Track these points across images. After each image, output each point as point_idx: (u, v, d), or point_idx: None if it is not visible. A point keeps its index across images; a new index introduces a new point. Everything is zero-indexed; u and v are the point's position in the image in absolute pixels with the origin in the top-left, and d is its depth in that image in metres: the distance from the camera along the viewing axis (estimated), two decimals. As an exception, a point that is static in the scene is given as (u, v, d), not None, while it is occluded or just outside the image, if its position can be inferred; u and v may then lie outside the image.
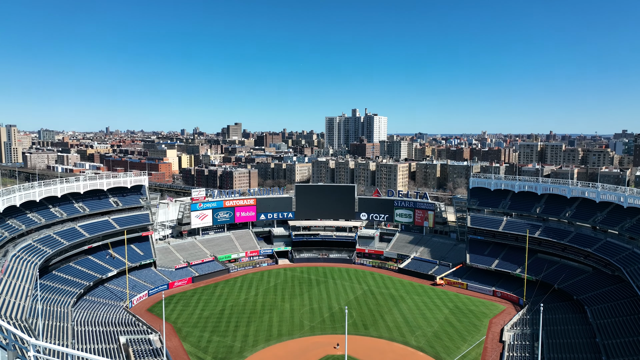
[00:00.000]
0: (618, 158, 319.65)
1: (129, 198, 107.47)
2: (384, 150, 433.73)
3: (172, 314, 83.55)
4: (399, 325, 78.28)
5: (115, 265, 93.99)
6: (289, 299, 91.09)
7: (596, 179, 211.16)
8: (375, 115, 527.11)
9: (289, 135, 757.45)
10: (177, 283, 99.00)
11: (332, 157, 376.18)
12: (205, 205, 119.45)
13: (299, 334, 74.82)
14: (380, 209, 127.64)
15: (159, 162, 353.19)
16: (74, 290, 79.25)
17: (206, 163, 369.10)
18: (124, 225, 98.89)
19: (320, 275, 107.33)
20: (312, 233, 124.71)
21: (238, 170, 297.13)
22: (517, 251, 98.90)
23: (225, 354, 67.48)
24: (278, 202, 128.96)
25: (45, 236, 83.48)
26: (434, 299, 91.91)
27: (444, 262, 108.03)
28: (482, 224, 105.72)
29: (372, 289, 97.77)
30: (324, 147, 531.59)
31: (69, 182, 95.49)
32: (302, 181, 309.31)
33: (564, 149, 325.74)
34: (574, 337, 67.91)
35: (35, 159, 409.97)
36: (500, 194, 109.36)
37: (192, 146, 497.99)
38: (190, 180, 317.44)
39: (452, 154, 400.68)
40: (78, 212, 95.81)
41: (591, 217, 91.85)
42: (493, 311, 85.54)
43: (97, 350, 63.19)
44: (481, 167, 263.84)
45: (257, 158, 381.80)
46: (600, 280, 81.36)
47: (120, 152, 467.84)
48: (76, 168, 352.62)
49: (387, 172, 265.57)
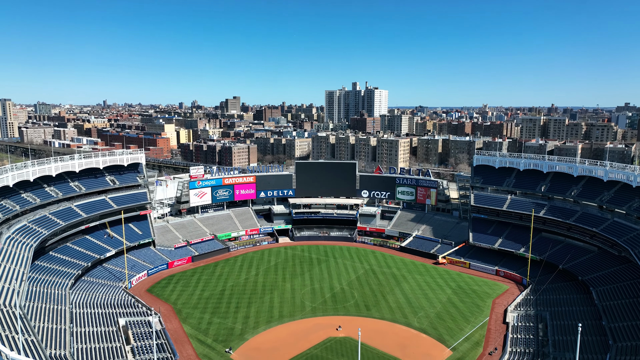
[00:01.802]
0: (621, 132, 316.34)
1: (125, 176, 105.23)
2: (385, 125, 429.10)
3: (172, 294, 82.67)
4: (401, 306, 77.47)
5: (114, 245, 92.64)
6: (289, 279, 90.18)
7: (601, 155, 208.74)
8: (376, 88, 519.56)
9: (288, 108, 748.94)
10: (176, 262, 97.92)
11: (332, 132, 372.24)
12: (204, 183, 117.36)
13: (300, 315, 74.02)
14: (382, 187, 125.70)
15: (157, 137, 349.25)
16: (72, 272, 77.96)
17: (205, 138, 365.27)
18: (121, 205, 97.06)
19: (321, 254, 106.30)
20: (313, 211, 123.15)
21: (237, 145, 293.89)
22: (521, 230, 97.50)
23: (226, 336, 66.74)
24: (278, 180, 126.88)
25: (41, 217, 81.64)
26: (437, 278, 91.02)
27: (446, 241, 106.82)
28: (485, 202, 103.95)
29: (373, 268, 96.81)
30: (324, 122, 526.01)
31: (63, 160, 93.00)
32: (302, 157, 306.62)
33: (567, 124, 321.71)
34: (579, 319, 66.91)
35: (31, 134, 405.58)
36: (504, 172, 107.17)
37: (190, 120, 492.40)
38: (189, 155, 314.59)
39: (453, 129, 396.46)
40: (74, 191, 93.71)
41: (598, 196, 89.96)
42: (496, 291, 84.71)
43: (96, 333, 62.27)
44: (483, 142, 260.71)
45: (257, 133, 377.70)
46: (606, 260, 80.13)
47: (118, 127, 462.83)
48: (73, 143, 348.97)
49: (388, 148, 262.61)
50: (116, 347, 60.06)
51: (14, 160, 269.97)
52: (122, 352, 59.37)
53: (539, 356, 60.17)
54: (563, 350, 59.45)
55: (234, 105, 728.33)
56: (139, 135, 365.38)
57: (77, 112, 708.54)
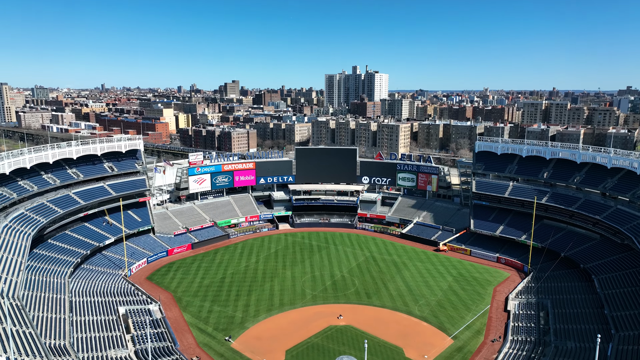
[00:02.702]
0: (623, 117, 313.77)
1: (124, 163, 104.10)
2: (385, 109, 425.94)
3: (172, 282, 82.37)
4: (402, 294, 77.21)
5: (113, 233, 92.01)
6: (290, 266, 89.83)
7: (603, 140, 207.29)
8: (376, 72, 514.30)
9: (287, 92, 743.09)
10: (176, 250, 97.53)
11: (332, 116, 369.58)
12: (204, 170, 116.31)
13: (300, 303, 73.77)
14: (383, 173, 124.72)
15: (156, 122, 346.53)
16: (71, 260, 77.44)
17: (204, 123, 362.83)
18: (120, 192, 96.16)
19: (321, 241, 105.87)
20: (313, 197, 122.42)
21: (236, 130, 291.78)
22: (522, 217, 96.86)
23: (227, 325, 66.53)
24: (278, 166, 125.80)
25: (39, 204, 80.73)
26: (437, 265, 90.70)
27: (447, 228, 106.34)
28: (487, 189, 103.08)
29: (374, 255, 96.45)
30: (324, 106, 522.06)
31: (60, 147, 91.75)
32: (301, 142, 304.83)
33: (569, 108, 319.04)
34: (581, 307, 66.79)
35: (29, 119, 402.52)
36: (506, 158, 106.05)
37: (189, 105, 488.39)
38: (188, 140, 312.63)
39: (454, 113, 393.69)
40: (72, 178, 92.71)
41: (601, 183, 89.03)
42: (497, 278, 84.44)
43: (96, 322, 61.99)
44: (485, 127, 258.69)
45: (256, 118, 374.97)
46: (608, 248, 79.64)
47: (116, 111, 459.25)
48: (71, 128, 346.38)
49: (389, 133, 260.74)
50: (116, 336, 59.81)
51: (12, 145, 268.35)
52: (122, 341, 59.12)
53: (540, 345, 60.00)
54: (564, 339, 59.26)
55: (233, 89, 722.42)
56: (137, 120, 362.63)
57: (75, 96, 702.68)
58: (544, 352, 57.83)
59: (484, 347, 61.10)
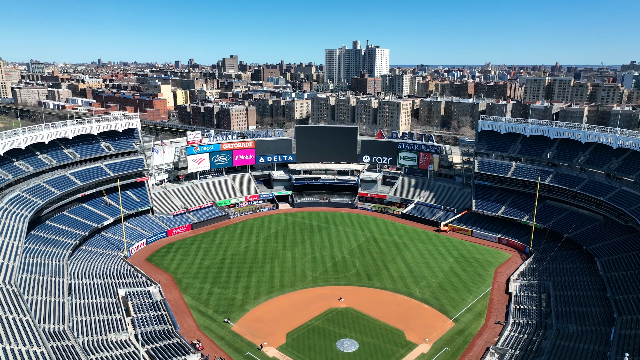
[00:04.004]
0: (627, 93, 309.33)
1: (121, 142, 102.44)
2: (386, 85, 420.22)
3: (171, 263, 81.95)
4: (403, 275, 76.88)
5: (112, 213, 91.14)
6: (290, 247, 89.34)
7: (607, 118, 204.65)
8: (377, 47, 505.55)
9: (286, 67, 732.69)
10: (175, 230, 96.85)
11: (332, 93, 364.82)
12: (202, 149, 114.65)
13: (301, 285, 73.45)
14: (384, 152, 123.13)
15: (153, 99, 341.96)
16: (69, 242, 76.75)
17: (202, 99, 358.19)
18: (117, 172, 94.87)
19: (321, 221, 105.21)
20: (313, 177, 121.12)
21: (235, 107, 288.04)
22: (525, 197, 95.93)
23: (227, 307, 66.27)
24: (277, 145, 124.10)
25: (35, 185, 79.55)
26: (438, 246, 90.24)
27: (448, 208, 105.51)
28: (489, 169, 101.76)
29: (375, 235, 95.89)
30: (324, 82, 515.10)
31: (56, 127, 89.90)
32: (301, 119, 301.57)
33: (572, 84, 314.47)
34: (583, 289, 66.47)
35: (25, 95, 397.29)
36: (510, 138, 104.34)
37: (187, 81, 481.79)
38: (186, 117, 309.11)
39: (455, 89, 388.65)
40: (68, 158, 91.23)
41: (606, 163, 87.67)
42: (499, 260, 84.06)
43: (95, 305, 61.68)
44: (487, 104, 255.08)
45: (255, 94, 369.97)
46: (612, 230, 78.91)
47: (113, 87, 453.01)
48: (68, 104, 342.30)
49: (390, 110, 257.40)
50: (116, 319, 59.58)
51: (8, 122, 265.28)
52: (122, 324, 58.91)
53: (541, 328, 59.85)
54: (566, 322, 59.04)
55: (232, 65, 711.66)
56: (134, 96, 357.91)
57: (71, 72, 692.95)
58: (546, 335, 57.69)
59: (485, 329, 60.96)
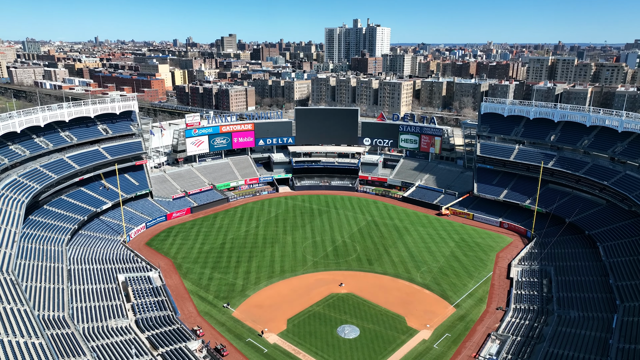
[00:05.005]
0: (631, 72, 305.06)
1: (118, 125, 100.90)
2: (387, 65, 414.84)
3: (171, 248, 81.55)
4: (403, 260, 76.55)
5: (110, 197, 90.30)
6: (290, 231, 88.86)
7: (612, 99, 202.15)
8: (378, 26, 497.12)
9: (286, 46, 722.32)
10: (175, 214, 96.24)
11: (333, 73, 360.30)
12: (201, 132, 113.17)
13: (301, 270, 73.16)
14: (385, 134, 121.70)
15: (151, 79, 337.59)
16: (68, 226, 76.11)
17: (200, 79, 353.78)
18: (115, 155, 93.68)
19: (322, 205, 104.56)
20: (313, 160, 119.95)
21: (234, 88, 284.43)
22: (527, 181, 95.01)
23: (227, 293, 66.07)
24: (277, 127, 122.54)
25: (32, 170, 78.48)
26: (440, 230, 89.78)
27: (449, 191, 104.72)
28: (492, 152, 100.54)
29: (375, 219, 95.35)
30: (324, 62, 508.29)
31: (52, 109, 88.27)
32: (301, 99, 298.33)
33: (575, 64, 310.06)
34: (585, 275, 66.18)
35: (21, 74, 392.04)
36: (513, 120, 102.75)
37: (185, 60, 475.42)
38: (185, 98, 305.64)
39: (457, 69, 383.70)
40: (65, 141, 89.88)
41: (610, 147, 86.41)
42: (500, 244, 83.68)
43: (95, 291, 61.39)
44: (490, 85, 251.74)
45: (254, 74, 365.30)
46: (615, 214, 78.24)
47: (110, 67, 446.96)
48: (65, 85, 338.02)
49: (391, 91, 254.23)
50: (116, 305, 59.36)
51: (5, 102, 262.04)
52: (122, 310, 58.73)
53: (543, 314, 59.71)
54: (568, 308, 58.88)
55: (230, 44, 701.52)
56: (132, 76, 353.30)
57: (67, 51, 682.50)
58: (547, 321, 57.57)
59: (486, 315, 60.83)
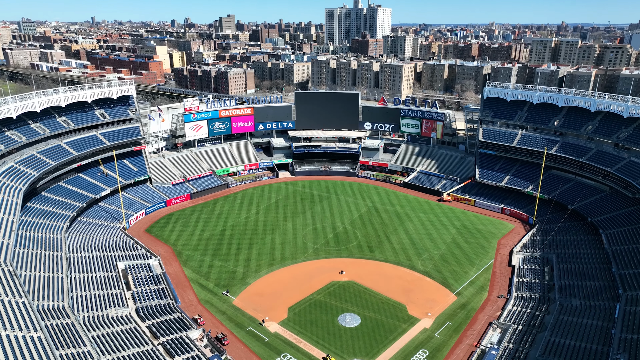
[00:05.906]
0: (636, 54, 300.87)
1: (116, 110, 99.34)
2: (388, 47, 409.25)
3: (171, 235, 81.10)
4: (405, 247, 76.17)
5: (109, 183, 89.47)
6: (291, 218, 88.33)
7: (616, 82, 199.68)
8: (379, 6, 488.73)
9: (285, 27, 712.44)
10: (174, 200, 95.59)
11: (333, 55, 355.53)
12: (200, 116, 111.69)
13: (302, 257, 72.81)
14: (386, 119, 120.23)
15: (149, 61, 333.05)
16: (67, 213, 75.43)
17: (199, 62, 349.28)
18: (113, 140, 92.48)
19: (322, 190, 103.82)
20: (314, 145, 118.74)
21: (233, 70, 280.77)
22: (530, 167, 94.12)
23: (228, 281, 65.80)
24: (277, 111, 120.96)
25: (28, 156, 77.43)
26: (441, 217, 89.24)
27: (451, 177, 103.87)
28: (494, 138, 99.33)
29: (376, 205, 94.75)
30: (324, 43, 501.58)
31: (47, 94, 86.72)
32: (300, 82, 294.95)
33: (579, 46, 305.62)
34: (587, 263, 65.85)
35: (17, 56, 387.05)
36: (516, 105, 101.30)
37: (183, 42, 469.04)
38: (183, 81, 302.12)
39: (459, 51, 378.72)
40: (62, 127, 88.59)
41: (615, 133, 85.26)
42: (502, 231, 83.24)
43: (95, 279, 61.09)
44: (492, 68, 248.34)
45: (253, 56, 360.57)
46: (618, 201, 77.58)
47: (107, 49, 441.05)
48: (62, 67, 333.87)
49: (392, 74, 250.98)
50: (116, 294, 59.12)
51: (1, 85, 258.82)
52: (122, 299, 58.51)
53: (544, 302, 59.50)
54: (569, 296, 58.65)
55: (229, 25, 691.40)
56: (129, 58, 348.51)
57: (64, 32, 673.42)
58: (548, 309, 57.41)
59: (487, 303, 60.64)
